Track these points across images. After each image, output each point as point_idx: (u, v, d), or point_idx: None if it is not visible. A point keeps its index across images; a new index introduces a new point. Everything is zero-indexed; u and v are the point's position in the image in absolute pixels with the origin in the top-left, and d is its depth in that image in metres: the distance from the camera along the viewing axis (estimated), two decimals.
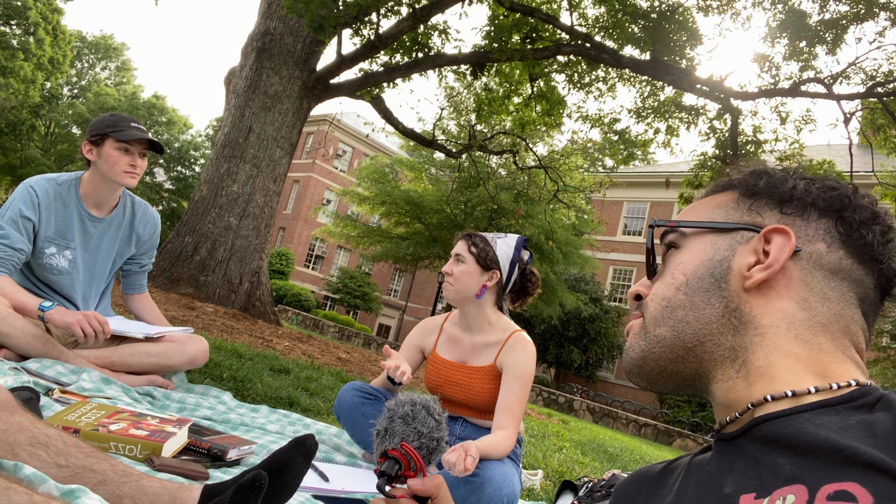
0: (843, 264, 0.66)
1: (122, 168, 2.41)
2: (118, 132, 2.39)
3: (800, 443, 0.55)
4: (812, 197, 0.68)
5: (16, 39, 32.04)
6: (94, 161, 2.43)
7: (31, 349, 2.19)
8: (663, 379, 0.73)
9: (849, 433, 0.53)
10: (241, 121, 8.12)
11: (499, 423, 2.05)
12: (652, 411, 21.14)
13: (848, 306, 0.66)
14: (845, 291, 0.66)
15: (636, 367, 0.74)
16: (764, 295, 0.66)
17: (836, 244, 0.67)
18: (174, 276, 7.31)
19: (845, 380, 0.61)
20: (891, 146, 9.59)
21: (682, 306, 0.70)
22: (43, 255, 2.44)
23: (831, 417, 0.56)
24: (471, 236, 2.25)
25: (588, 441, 6.29)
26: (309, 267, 37.03)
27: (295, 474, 1.21)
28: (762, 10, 9.36)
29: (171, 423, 1.72)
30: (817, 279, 0.66)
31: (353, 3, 7.35)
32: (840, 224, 0.67)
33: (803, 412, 0.58)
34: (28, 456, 1.16)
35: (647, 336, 0.72)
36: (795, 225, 0.68)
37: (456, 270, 2.21)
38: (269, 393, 3.02)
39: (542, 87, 10.31)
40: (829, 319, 0.65)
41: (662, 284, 0.73)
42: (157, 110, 40.79)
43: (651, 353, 0.72)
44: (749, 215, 0.71)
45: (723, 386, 0.67)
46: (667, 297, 0.72)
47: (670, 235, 0.76)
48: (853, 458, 0.51)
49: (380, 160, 23.49)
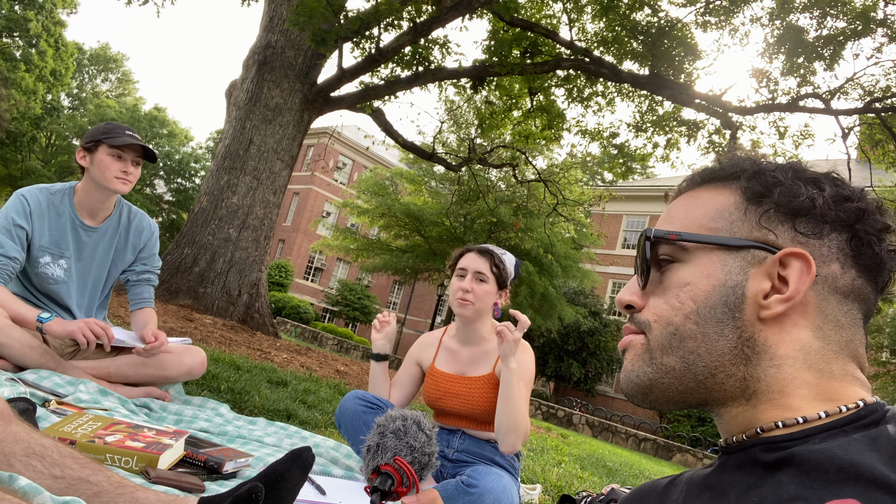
0: (854, 284, 0.64)
1: (113, 174, 2.39)
2: (111, 138, 2.39)
3: (804, 461, 0.55)
4: (827, 212, 0.64)
5: (18, 51, 32.21)
6: (87, 168, 2.43)
7: (29, 360, 2.18)
8: (667, 405, 0.70)
9: (852, 448, 0.53)
10: (241, 133, 8.15)
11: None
12: (651, 426, 21.04)
13: (857, 330, 0.64)
14: (855, 314, 0.65)
15: (640, 393, 0.70)
16: (779, 324, 0.64)
17: (848, 262, 0.64)
18: (173, 288, 7.30)
19: (853, 401, 0.60)
20: (889, 161, 9.62)
21: (693, 337, 0.65)
22: (38, 264, 2.43)
23: (837, 439, 0.56)
24: (491, 255, 2.25)
25: (587, 455, 6.26)
26: (308, 279, 37.00)
27: (291, 487, 1.21)
28: (760, 26, 9.43)
29: (168, 434, 1.71)
30: (832, 305, 0.64)
31: (354, 17, 7.40)
32: (853, 241, 0.64)
33: (811, 436, 0.58)
34: (23, 467, 1.15)
35: (654, 363, 0.68)
36: (810, 244, 0.64)
37: (478, 290, 2.21)
38: (267, 405, 3.01)
39: (542, 100, 10.36)
40: (840, 347, 0.63)
41: (667, 306, 0.68)
42: (157, 122, 40.96)
43: (659, 382, 0.68)
44: (759, 230, 0.66)
45: (732, 411, 0.66)
46: (674, 323, 0.67)
47: (668, 247, 0.70)
48: (855, 474, 0.51)
49: (380, 173, 23.54)
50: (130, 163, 2.44)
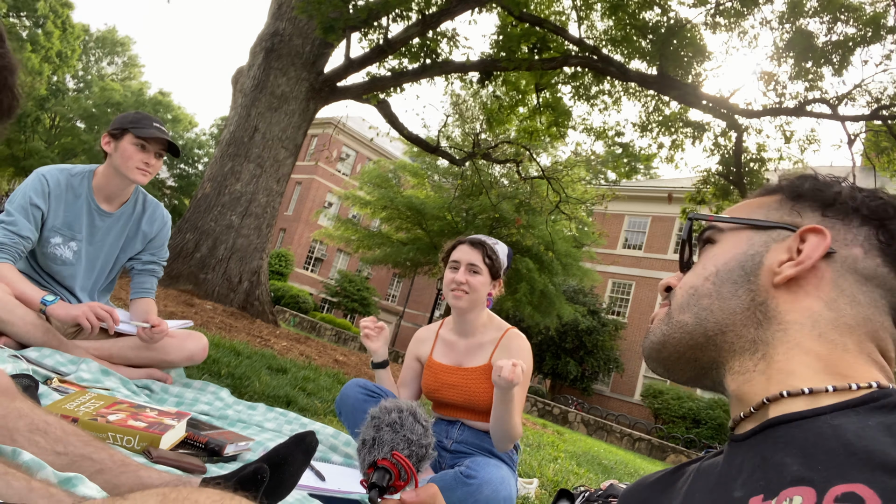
0: (878, 272, 0.65)
1: (135, 164, 2.42)
2: (138, 129, 2.41)
3: (814, 445, 0.55)
4: (856, 203, 0.68)
5: (25, 31, 32.15)
6: (110, 154, 2.45)
7: (31, 337, 2.18)
8: (680, 365, 0.73)
9: (866, 434, 0.53)
10: (246, 120, 8.13)
11: None
12: (646, 426, 21.06)
13: (878, 312, 0.65)
14: (877, 298, 0.65)
15: (655, 351, 0.74)
16: (792, 292, 0.66)
17: (874, 251, 0.66)
18: (174, 273, 7.30)
19: (866, 381, 0.60)
20: (894, 169, 9.60)
21: (709, 295, 0.70)
22: (48, 244, 2.43)
23: (850, 419, 0.55)
24: (483, 246, 2.26)
25: (583, 453, 6.27)
26: (308, 269, 36.99)
27: (294, 470, 1.21)
28: (769, 29, 9.39)
29: (170, 415, 1.71)
30: (849, 282, 0.65)
31: (363, 6, 7.38)
32: (882, 233, 0.66)
33: (821, 414, 0.57)
34: (27, 442, 1.15)
35: (671, 322, 0.73)
36: (835, 228, 0.67)
37: (472, 281, 2.22)
38: (267, 391, 3.01)
39: (549, 97, 10.33)
40: (857, 322, 0.64)
41: (693, 274, 0.74)
42: (162, 107, 40.88)
43: (671, 337, 0.72)
44: (790, 215, 0.71)
45: (739, 378, 0.67)
46: (695, 285, 0.72)
47: (708, 231, 0.77)
48: (866, 459, 0.50)
49: (383, 165, 23.49)
50: (153, 154, 2.46)
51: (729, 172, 9.91)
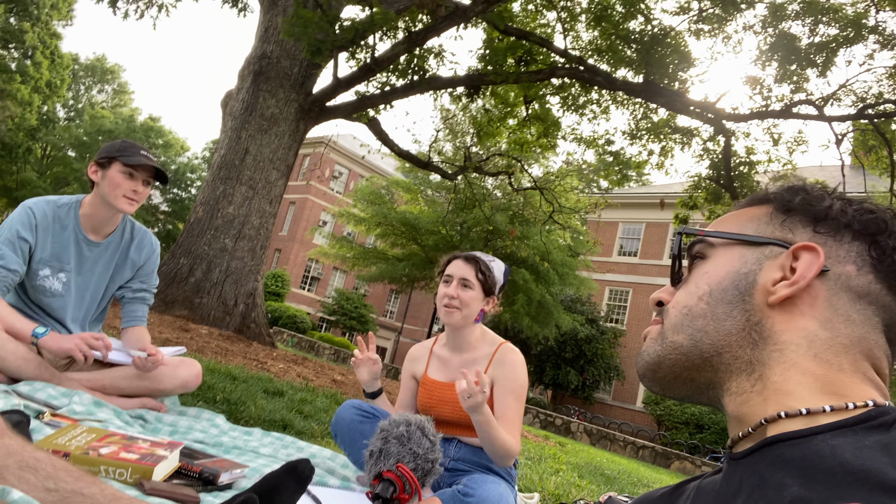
0: (871, 289, 0.65)
1: (122, 192, 2.39)
2: (126, 157, 2.40)
3: (813, 464, 0.55)
4: (847, 218, 0.67)
5: (14, 62, 32.23)
6: (97, 183, 2.43)
7: (24, 372, 2.17)
8: (677, 385, 0.73)
9: (863, 454, 0.53)
10: (237, 143, 8.15)
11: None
12: (650, 433, 21.00)
13: (872, 330, 0.65)
14: (871, 316, 0.65)
15: (650, 370, 0.74)
16: (787, 311, 0.66)
17: (866, 268, 0.66)
18: (169, 298, 7.28)
19: (862, 400, 0.60)
20: (882, 167, 9.67)
21: (703, 315, 0.70)
22: (37, 276, 2.42)
23: (847, 438, 0.56)
24: (476, 261, 2.26)
25: (585, 463, 6.24)
26: (305, 288, 36.92)
27: (286, 499, 1.20)
28: (753, 33, 9.49)
29: (162, 446, 1.70)
30: (843, 301, 0.65)
31: (349, 26, 7.43)
32: (874, 248, 0.66)
33: (819, 433, 0.58)
34: (17, 480, 1.14)
35: (664, 342, 0.72)
36: (827, 245, 0.67)
37: (464, 296, 2.21)
38: (263, 416, 2.99)
39: (538, 109, 10.40)
40: (852, 341, 0.64)
41: (685, 293, 0.73)
42: (153, 132, 40.96)
43: (667, 358, 0.71)
44: (781, 231, 0.70)
45: (736, 399, 0.67)
46: (688, 305, 0.71)
47: (698, 245, 0.76)
48: (863, 478, 0.50)
49: (376, 181, 23.56)
50: (141, 182, 2.44)
51: (719, 177, 9.97)
